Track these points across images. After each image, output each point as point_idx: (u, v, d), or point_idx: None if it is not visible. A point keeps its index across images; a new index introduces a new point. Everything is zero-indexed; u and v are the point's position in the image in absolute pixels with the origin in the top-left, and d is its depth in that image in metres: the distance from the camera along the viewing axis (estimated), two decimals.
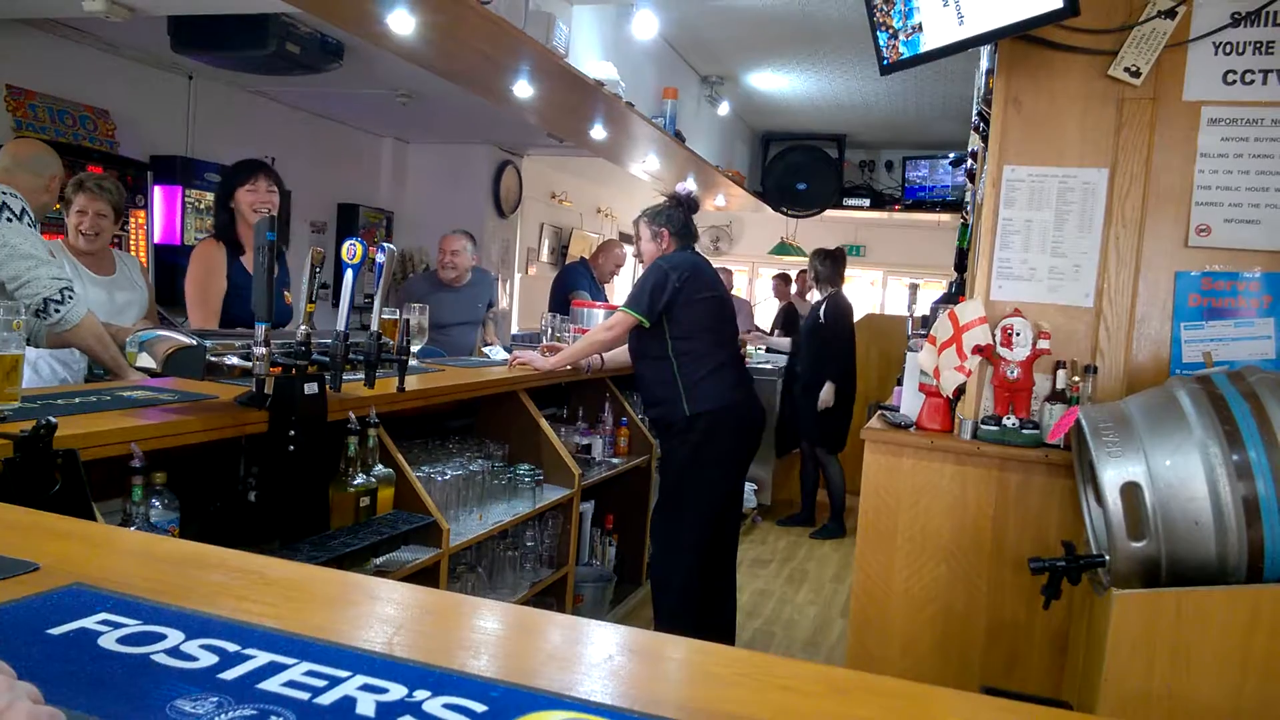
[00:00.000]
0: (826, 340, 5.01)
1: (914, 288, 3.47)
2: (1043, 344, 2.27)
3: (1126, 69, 2.21)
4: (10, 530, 0.98)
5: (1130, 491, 1.63)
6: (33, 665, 0.65)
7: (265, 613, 0.79)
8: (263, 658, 0.69)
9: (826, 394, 4.98)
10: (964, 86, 4.84)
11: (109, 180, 3.06)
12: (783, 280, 7.43)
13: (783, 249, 8.74)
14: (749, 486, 5.44)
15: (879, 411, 2.64)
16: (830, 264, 5.13)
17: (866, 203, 7.83)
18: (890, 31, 2.30)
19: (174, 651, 0.70)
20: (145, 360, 1.90)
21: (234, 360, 1.88)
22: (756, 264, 9.79)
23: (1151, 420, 1.69)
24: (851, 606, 2.48)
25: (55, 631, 0.71)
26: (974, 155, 3.41)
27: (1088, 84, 2.26)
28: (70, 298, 2.26)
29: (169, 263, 4.93)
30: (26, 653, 0.67)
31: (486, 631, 0.85)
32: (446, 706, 0.65)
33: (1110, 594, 1.61)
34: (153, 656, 0.68)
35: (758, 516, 5.50)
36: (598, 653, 0.77)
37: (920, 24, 2.22)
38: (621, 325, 3.08)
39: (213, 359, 1.87)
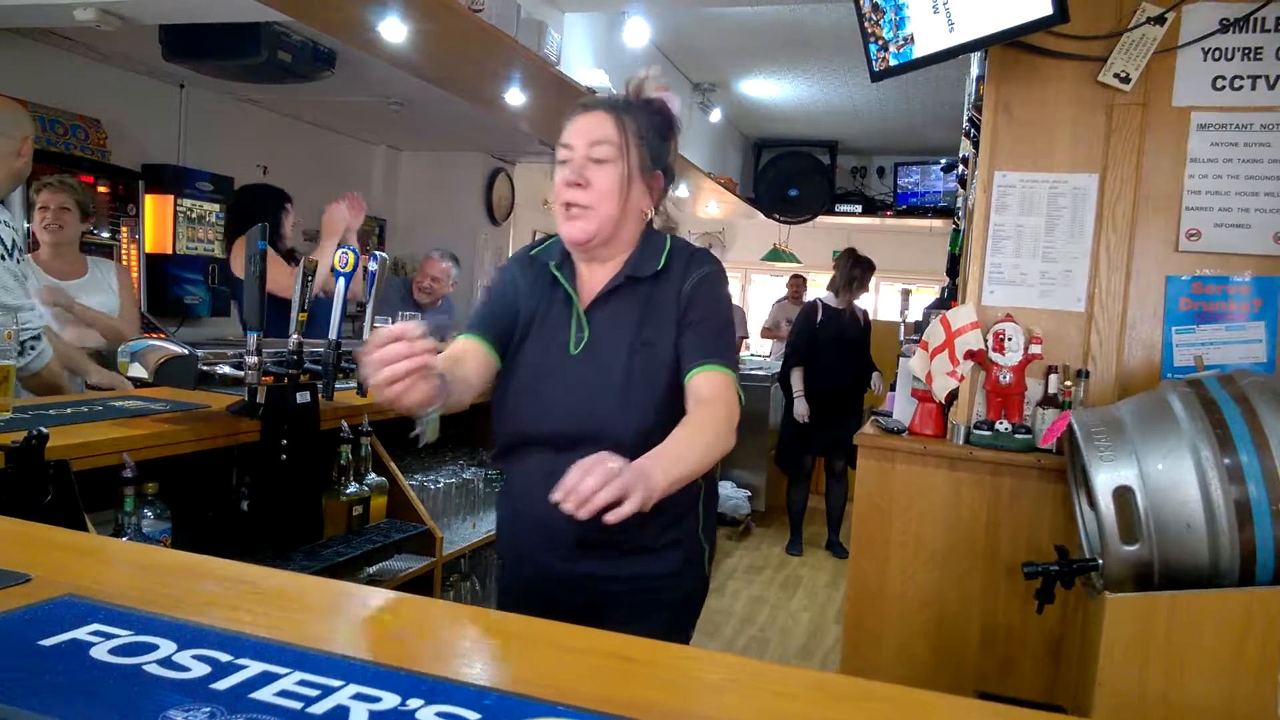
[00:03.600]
0: (865, 348, 4.89)
1: (906, 293, 3.47)
2: (1035, 349, 2.28)
3: (1116, 75, 2.23)
4: (2, 541, 0.98)
5: (1123, 495, 1.63)
6: (24, 676, 0.65)
7: (258, 622, 0.79)
8: (255, 667, 0.69)
9: (878, 381, 4.87)
10: (955, 93, 4.86)
11: (69, 177, 3.03)
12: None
13: (775, 255, 8.75)
14: (742, 494, 5.41)
15: (872, 417, 2.65)
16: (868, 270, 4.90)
17: (858, 209, 7.85)
18: (880, 43, 2.31)
19: (166, 662, 0.69)
20: (137, 370, 1.90)
21: (226, 369, 1.88)
22: (749, 270, 9.81)
23: (1143, 424, 1.70)
24: (845, 612, 2.47)
25: (47, 643, 0.71)
26: (965, 161, 3.43)
27: (1078, 90, 2.28)
28: (33, 349, 2.18)
29: (161, 273, 4.92)
30: (18, 664, 0.67)
31: (479, 639, 0.85)
32: (439, 715, 0.65)
33: (1103, 597, 1.61)
34: (145, 667, 0.68)
35: (751, 523, 5.49)
36: (591, 660, 0.77)
37: (911, 35, 2.23)
38: None
39: (204, 368, 1.87)
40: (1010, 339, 2.27)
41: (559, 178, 1.42)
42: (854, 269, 4.84)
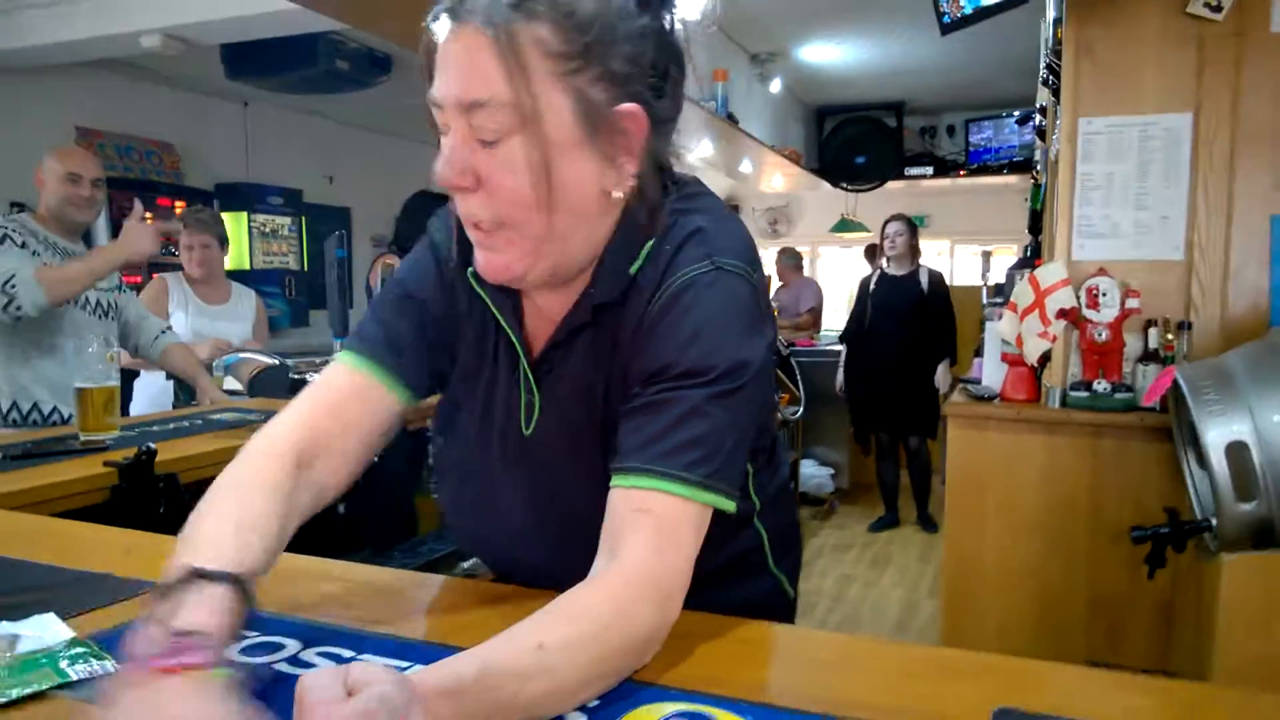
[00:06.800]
0: (932, 314, 4.61)
1: (987, 255, 3.36)
2: (1132, 303, 2.19)
3: (1207, 4, 2.10)
4: (128, 553, 1.02)
5: (1236, 451, 1.56)
6: None
7: (375, 619, 0.80)
8: (379, 663, 0.70)
9: (944, 375, 4.55)
10: (1027, 40, 4.67)
11: (206, 213, 3.31)
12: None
13: (844, 225, 8.59)
14: (825, 472, 5.33)
15: (960, 385, 2.58)
16: (915, 232, 4.71)
17: (929, 171, 7.63)
18: None
19: (294, 660, 0.71)
20: (231, 383, 1.97)
21: (316, 377, 1.93)
22: (817, 244, 9.65)
23: (1255, 375, 1.62)
24: (942, 587, 2.43)
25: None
26: (1043, 111, 3.30)
27: (1164, 25, 2.17)
28: (13, 288, 2.16)
29: None
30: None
31: None
32: None
33: (1219, 559, 1.55)
34: (276, 666, 0.70)
35: (835, 502, 5.41)
36: (700, 644, 0.76)
37: None
38: None
39: (295, 377, 1.92)
40: (1105, 294, 2.18)
41: (439, 158, 0.76)
42: (881, 231, 4.73)
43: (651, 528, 0.71)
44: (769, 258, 7.09)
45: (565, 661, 0.62)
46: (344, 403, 0.86)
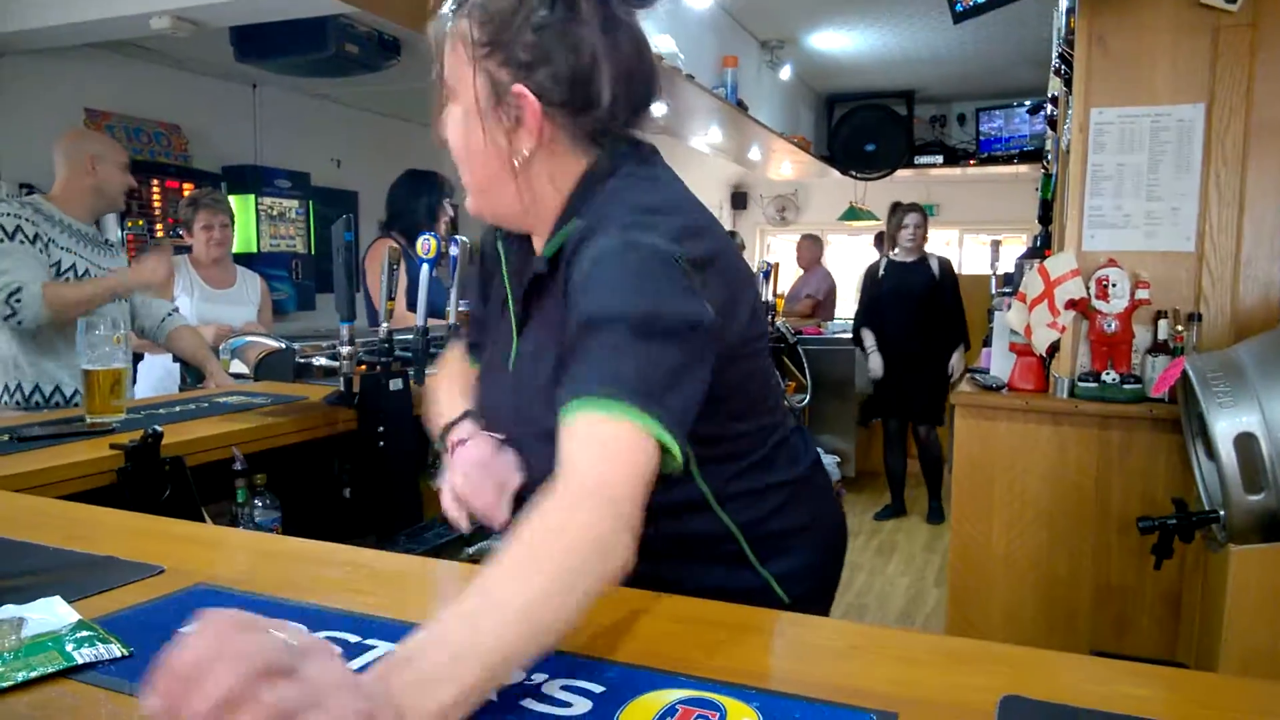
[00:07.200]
0: (943, 301, 4.58)
1: (996, 245, 3.34)
2: (1141, 294, 2.17)
3: None
4: (134, 536, 1.02)
5: (1245, 442, 1.56)
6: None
7: (380, 604, 0.80)
8: (384, 647, 0.70)
9: (960, 361, 4.49)
10: (1039, 29, 4.64)
11: (217, 192, 3.35)
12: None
13: (852, 214, 8.55)
14: (832, 459, 5.33)
15: (968, 374, 2.57)
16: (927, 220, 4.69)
17: (939, 159, 7.58)
18: None
19: None
20: (238, 366, 1.97)
21: (321, 361, 1.93)
22: (825, 231, 9.61)
23: (1265, 367, 1.61)
24: (949, 576, 2.43)
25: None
26: (1054, 100, 3.27)
27: (1177, 15, 2.15)
28: (18, 301, 2.18)
29: None
30: (165, 651, 0.69)
31: (594, 614, 0.84)
32: (565, 688, 0.65)
33: (1228, 550, 1.55)
34: None
35: (841, 489, 5.41)
36: (709, 631, 0.76)
37: None
38: None
39: (301, 361, 1.92)
40: (1114, 285, 2.17)
41: None
42: (890, 218, 4.71)
43: (583, 444, 0.73)
44: (779, 244, 7.06)
45: (512, 589, 0.60)
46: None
